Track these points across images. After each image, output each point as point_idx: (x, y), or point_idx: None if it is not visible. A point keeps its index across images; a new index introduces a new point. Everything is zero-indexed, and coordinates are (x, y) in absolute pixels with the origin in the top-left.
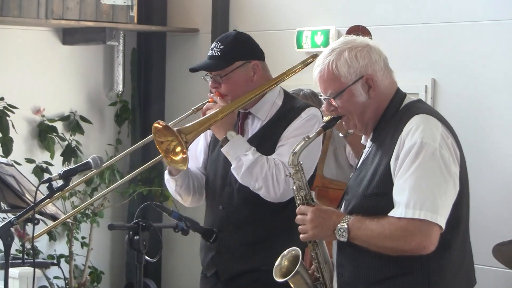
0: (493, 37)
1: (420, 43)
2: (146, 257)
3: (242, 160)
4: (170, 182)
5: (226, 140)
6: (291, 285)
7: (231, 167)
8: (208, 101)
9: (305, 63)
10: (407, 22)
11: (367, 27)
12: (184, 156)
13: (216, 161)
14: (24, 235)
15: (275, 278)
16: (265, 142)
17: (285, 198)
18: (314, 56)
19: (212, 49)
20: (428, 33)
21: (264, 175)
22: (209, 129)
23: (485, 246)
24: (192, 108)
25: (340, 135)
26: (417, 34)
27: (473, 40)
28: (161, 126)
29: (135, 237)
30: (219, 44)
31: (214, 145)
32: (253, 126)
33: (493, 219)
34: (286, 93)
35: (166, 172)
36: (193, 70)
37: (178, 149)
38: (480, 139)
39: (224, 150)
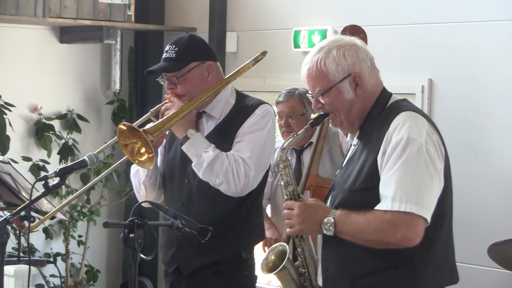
0: (489, 37)
1: (417, 43)
2: (141, 255)
3: (203, 157)
4: (140, 173)
5: (186, 138)
6: (278, 280)
7: (192, 164)
8: (166, 103)
9: (256, 60)
10: (404, 22)
11: (363, 27)
12: (150, 155)
13: (173, 160)
14: (23, 225)
15: (261, 272)
16: (222, 139)
17: (245, 192)
18: (264, 53)
19: (166, 51)
20: (425, 33)
21: (224, 170)
22: (170, 128)
23: (481, 246)
24: (151, 110)
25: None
26: (414, 34)
27: (470, 40)
28: (125, 128)
29: (130, 235)
30: (174, 46)
31: (170, 145)
32: (208, 125)
33: (488, 219)
34: (237, 92)
35: (133, 166)
36: (150, 72)
37: (143, 150)
38: (476, 139)
39: (184, 148)
